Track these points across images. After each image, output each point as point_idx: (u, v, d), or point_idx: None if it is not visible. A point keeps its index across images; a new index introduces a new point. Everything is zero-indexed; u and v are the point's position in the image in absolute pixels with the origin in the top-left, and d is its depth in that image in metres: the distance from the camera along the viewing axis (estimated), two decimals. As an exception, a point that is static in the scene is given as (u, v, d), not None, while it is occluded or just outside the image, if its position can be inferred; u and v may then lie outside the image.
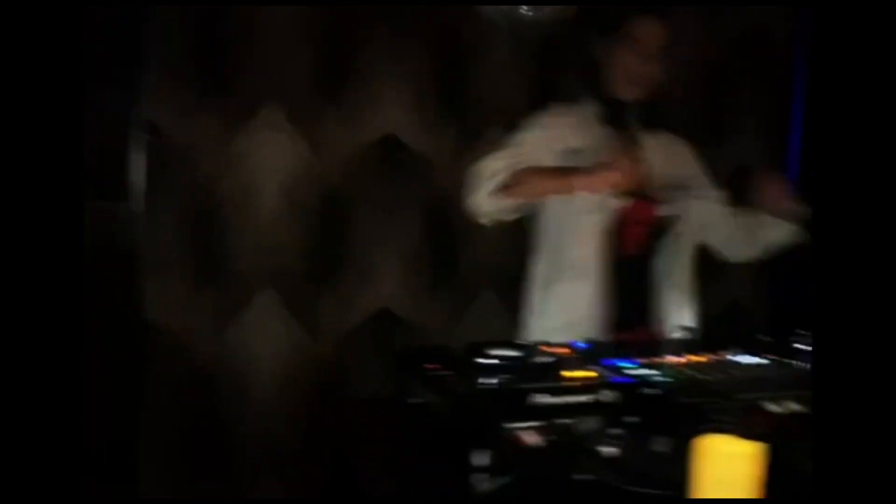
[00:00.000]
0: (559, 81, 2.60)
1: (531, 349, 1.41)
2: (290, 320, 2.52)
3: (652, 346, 1.50)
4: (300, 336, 2.53)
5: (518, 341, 1.49)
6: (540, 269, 2.03)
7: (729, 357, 1.51)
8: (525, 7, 2.62)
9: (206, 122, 2.40)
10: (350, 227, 2.57)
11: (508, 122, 2.12)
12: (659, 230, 1.95)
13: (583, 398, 1.18)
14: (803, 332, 1.70)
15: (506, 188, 1.86)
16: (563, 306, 1.96)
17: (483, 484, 1.06)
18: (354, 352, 2.57)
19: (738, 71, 3.01)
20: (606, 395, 1.19)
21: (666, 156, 1.99)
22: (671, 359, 1.47)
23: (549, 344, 1.50)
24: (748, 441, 0.96)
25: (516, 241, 2.25)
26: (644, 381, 1.27)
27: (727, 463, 0.95)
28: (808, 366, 1.50)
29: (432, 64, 2.61)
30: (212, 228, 2.44)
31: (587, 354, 1.47)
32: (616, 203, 1.88)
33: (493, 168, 1.89)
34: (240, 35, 2.42)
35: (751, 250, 2.08)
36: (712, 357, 1.51)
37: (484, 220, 1.95)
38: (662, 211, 1.95)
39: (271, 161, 2.48)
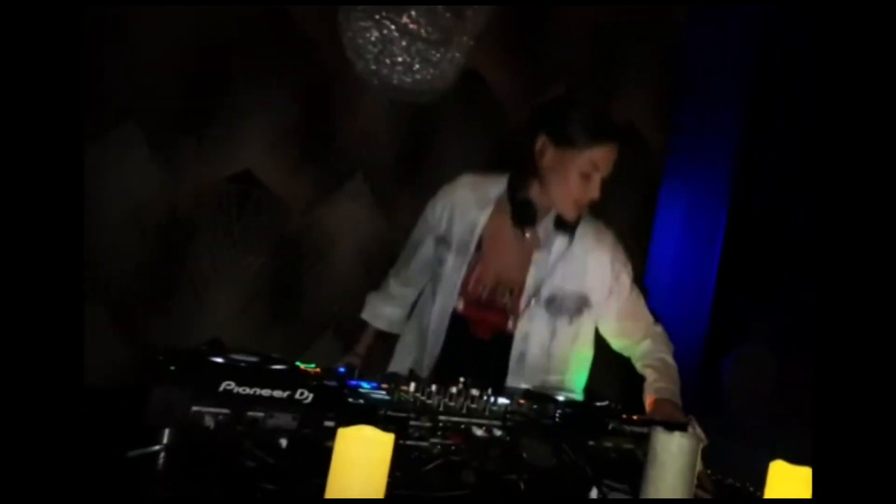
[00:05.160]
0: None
1: (271, 360, 1.42)
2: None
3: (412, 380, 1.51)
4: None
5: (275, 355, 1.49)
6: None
7: (481, 395, 1.51)
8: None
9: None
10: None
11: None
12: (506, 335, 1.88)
13: (277, 393, 1.19)
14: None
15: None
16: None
17: (134, 451, 1.06)
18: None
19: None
20: (303, 395, 1.21)
21: (575, 268, 1.88)
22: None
23: (307, 365, 1.51)
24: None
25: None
26: (356, 393, 1.29)
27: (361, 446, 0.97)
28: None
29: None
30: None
31: (338, 377, 1.48)
32: (462, 306, 1.88)
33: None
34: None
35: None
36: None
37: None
38: (511, 324, 1.87)
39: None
